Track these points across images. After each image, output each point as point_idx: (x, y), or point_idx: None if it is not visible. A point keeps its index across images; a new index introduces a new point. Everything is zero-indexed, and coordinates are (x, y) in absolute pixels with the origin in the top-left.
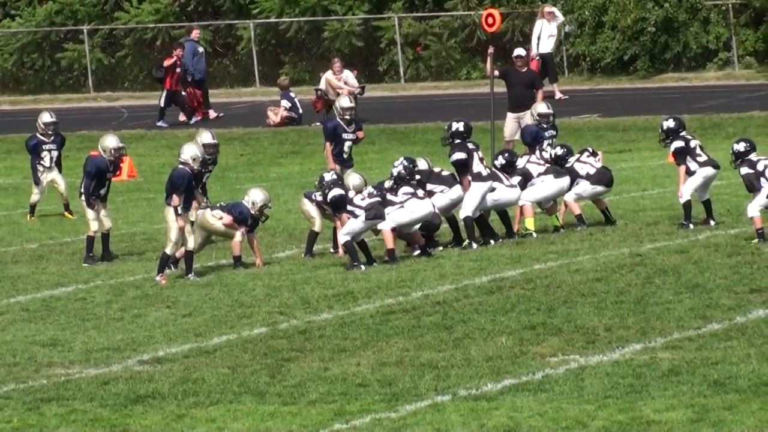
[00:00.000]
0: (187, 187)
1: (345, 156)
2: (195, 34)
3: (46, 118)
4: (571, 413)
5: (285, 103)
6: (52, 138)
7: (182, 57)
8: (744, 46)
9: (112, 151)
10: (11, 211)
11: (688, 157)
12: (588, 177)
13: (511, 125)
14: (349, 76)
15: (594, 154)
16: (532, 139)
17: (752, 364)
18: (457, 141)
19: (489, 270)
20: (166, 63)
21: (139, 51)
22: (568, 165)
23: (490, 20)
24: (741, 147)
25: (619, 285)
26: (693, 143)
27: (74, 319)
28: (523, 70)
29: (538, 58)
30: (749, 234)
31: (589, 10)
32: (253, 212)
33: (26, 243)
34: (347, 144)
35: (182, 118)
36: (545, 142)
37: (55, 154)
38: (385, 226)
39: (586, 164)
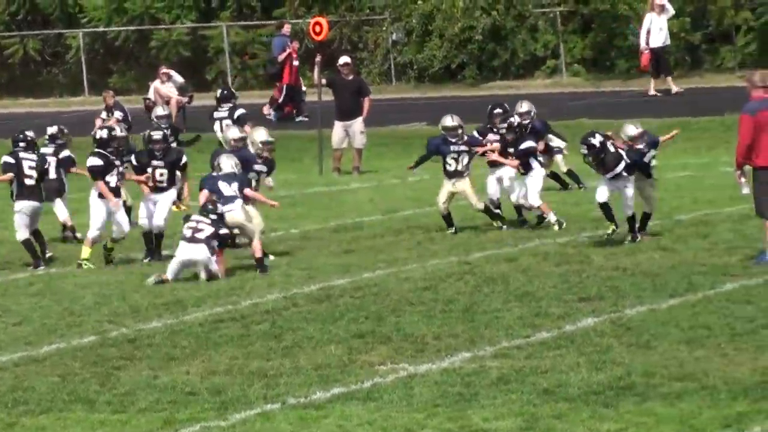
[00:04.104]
0: None
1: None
2: (287, 29)
3: None
4: (401, 422)
5: (118, 114)
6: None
7: (298, 49)
8: (572, 54)
9: (261, 145)
10: None
11: None
12: None
13: (339, 133)
14: (172, 84)
15: None
16: (435, 149)
17: (582, 373)
18: None
19: (318, 278)
20: (281, 57)
21: None
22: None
23: (317, 28)
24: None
25: (447, 293)
26: None
27: None
28: (350, 77)
29: (648, 51)
30: (578, 243)
31: (417, 18)
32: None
33: None
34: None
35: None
36: (449, 156)
37: None
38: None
39: None
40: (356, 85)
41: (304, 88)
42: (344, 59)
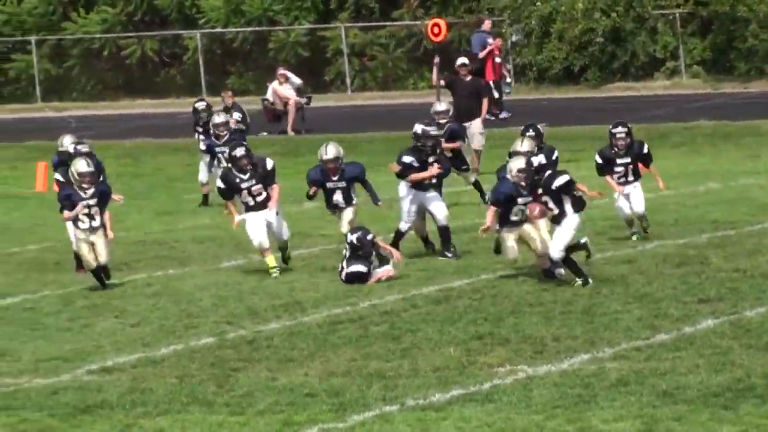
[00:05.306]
0: None
1: None
2: (487, 25)
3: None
4: (520, 424)
5: (237, 115)
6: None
7: (500, 46)
8: (691, 56)
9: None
10: None
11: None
12: None
13: None
14: (290, 85)
15: None
16: (504, 199)
17: (701, 375)
18: None
19: (436, 280)
20: (482, 54)
21: (87, 61)
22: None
23: (436, 30)
24: None
25: (566, 295)
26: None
27: (22, 328)
28: (468, 78)
29: None
30: (697, 244)
31: (536, 20)
32: None
33: None
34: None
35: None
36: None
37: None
38: None
39: None
40: (474, 86)
41: (509, 81)
42: (462, 60)
